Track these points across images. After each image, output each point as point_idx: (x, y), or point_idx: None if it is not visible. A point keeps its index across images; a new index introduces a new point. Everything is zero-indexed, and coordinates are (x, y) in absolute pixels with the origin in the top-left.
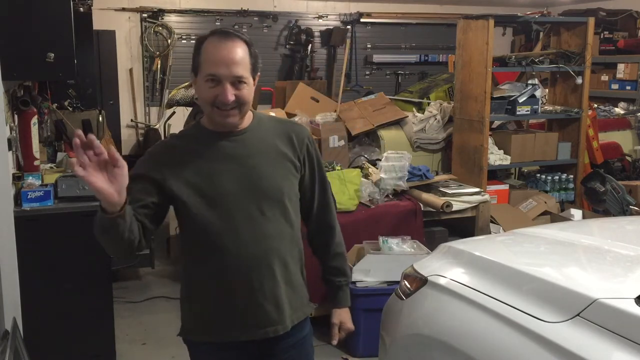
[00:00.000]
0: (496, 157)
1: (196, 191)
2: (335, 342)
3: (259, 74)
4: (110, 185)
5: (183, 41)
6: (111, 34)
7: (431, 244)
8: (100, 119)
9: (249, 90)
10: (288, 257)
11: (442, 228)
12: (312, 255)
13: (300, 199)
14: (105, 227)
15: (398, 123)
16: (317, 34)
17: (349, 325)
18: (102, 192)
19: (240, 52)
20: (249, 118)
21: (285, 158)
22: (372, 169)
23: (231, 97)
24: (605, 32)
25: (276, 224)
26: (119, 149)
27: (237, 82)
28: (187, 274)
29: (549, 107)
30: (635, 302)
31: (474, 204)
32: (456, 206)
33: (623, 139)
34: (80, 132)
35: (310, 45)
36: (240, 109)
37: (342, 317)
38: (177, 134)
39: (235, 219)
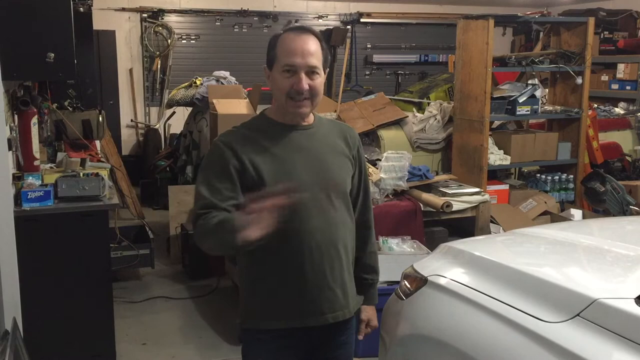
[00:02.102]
0: (496, 157)
1: (273, 178)
2: (361, 337)
3: (327, 69)
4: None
5: (183, 41)
6: (111, 34)
7: (431, 244)
8: (100, 119)
9: (321, 82)
10: (349, 246)
11: (442, 228)
12: None
13: None
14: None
15: (398, 123)
16: None
17: (375, 322)
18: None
19: (314, 44)
20: (311, 117)
21: (344, 155)
22: (372, 169)
23: (306, 86)
24: (605, 32)
25: (341, 214)
26: (119, 149)
27: (311, 72)
28: (254, 263)
29: (549, 107)
30: (635, 302)
31: (474, 204)
32: (456, 206)
33: (623, 139)
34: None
35: None
36: (312, 100)
37: (370, 314)
38: (244, 125)
39: (307, 206)
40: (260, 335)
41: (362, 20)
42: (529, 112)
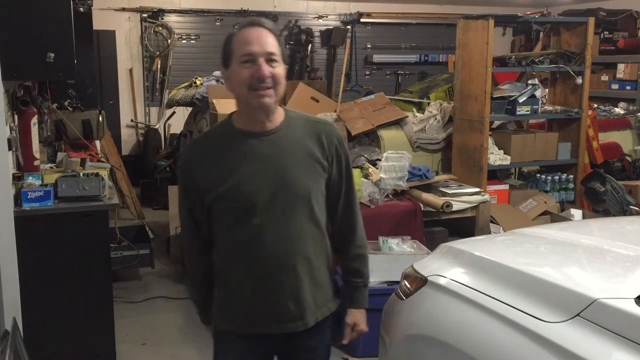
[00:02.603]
0: (496, 157)
1: (227, 190)
2: (346, 341)
3: (286, 67)
4: None
5: (183, 41)
6: (111, 34)
7: (431, 244)
8: (100, 119)
9: (281, 71)
10: (312, 255)
11: (442, 228)
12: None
13: (326, 197)
14: None
15: (398, 123)
16: (317, 34)
17: (362, 327)
18: None
19: (269, 35)
20: (279, 117)
21: (313, 158)
22: (372, 169)
23: (267, 73)
24: (605, 32)
25: (301, 223)
26: (119, 149)
27: (271, 60)
28: (217, 271)
29: (549, 107)
30: (635, 302)
31: (474, 204)
32: (456, 206)
33: (623, 139)
34: None
35: (310, 45)
36: (275, 89)
37: (356, 318)
38: (206, 133)
39: (261, 219)
40: (226, 336)
41: (362, 20)
42: (529, 112)
